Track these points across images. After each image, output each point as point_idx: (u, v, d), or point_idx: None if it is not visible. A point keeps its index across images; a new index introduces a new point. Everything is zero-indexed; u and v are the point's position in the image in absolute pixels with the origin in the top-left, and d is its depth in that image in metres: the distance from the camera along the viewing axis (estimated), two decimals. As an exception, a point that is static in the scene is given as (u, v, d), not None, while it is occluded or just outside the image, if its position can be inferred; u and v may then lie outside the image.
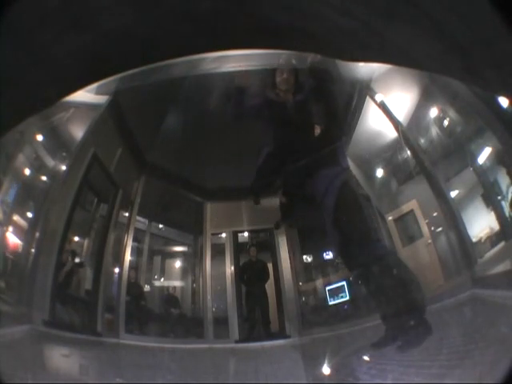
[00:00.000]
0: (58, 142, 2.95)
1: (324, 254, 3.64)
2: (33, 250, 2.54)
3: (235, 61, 3.22)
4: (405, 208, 3.26)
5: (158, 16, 1.08)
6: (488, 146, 2.49)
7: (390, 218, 3.33)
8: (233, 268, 3.63)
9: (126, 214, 3.49)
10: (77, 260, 3.04)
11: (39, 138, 2.79)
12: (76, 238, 3.11)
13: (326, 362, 1.55)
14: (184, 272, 3.96)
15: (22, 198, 2.64)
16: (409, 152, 3.14)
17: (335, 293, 3.38)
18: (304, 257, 3.07)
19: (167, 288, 3.72)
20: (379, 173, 3.55)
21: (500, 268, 2.24)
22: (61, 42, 0.96)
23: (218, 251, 3.72)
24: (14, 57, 0.88)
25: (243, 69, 3.25)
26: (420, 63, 1.19)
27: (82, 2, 0.91)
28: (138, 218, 3.58)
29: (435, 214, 3.05)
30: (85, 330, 2.75)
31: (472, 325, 1.78)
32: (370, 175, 3.58)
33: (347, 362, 1.62)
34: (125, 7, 0.99)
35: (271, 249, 3.51)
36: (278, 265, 3.42)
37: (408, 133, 3.10)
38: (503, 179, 2.42)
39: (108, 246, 3.21)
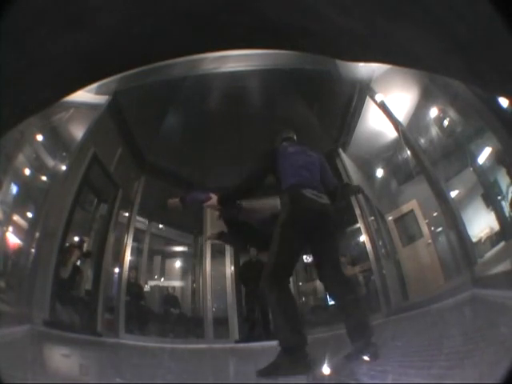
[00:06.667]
0: (57, 141, 2.95)
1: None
2: (33, 250, 2.54)
3: (235, 61, 3.23)
4: (405, 208, 3.26)
5: (157, 16, 1.08)
6: (488, 145, 2.48)
7: (390, 218, 3.33)
8: (233, 268, 3.64)
9: (126, 214, 3.50)
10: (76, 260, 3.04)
11: (39, 138, 2.79)
12: (76, 238, 3.11)
13: (326, 361, 1.54)
14: (184, 272, 3.97)
15: (22, 198, 2.64)
16: (409, 152, 3.14)
17: (335, 293, 3.38)
18: (304, 257, 3.06)
19: (167, 288, 3.73)
20: (379, 173, 3.55)
21: (500, 268, 2.24)
22: (60, 41, 0.96)
23: (218, 251, 3.73)
24: (14, 57, 0.88)
25: (243, 69, 3.25)
26: (420, 63, 1.19)
27: (82, 1, 0.91)
28: (138, 218, 3.58)
29: (435, 214, 3.05)
30: (85, 329, 2.75)
31: (472, 325, 1.78)
32: (370, 175, 3.58)
33: (347, 362, 1.62)
34: (124, 7, 0.99)
35: (271, 249, 3.50)
36: (278, 265, 3.41)
37: (408, 133, 3.10)
38: (503, 179, 2.41)
39: (108, 245, 3.21)
